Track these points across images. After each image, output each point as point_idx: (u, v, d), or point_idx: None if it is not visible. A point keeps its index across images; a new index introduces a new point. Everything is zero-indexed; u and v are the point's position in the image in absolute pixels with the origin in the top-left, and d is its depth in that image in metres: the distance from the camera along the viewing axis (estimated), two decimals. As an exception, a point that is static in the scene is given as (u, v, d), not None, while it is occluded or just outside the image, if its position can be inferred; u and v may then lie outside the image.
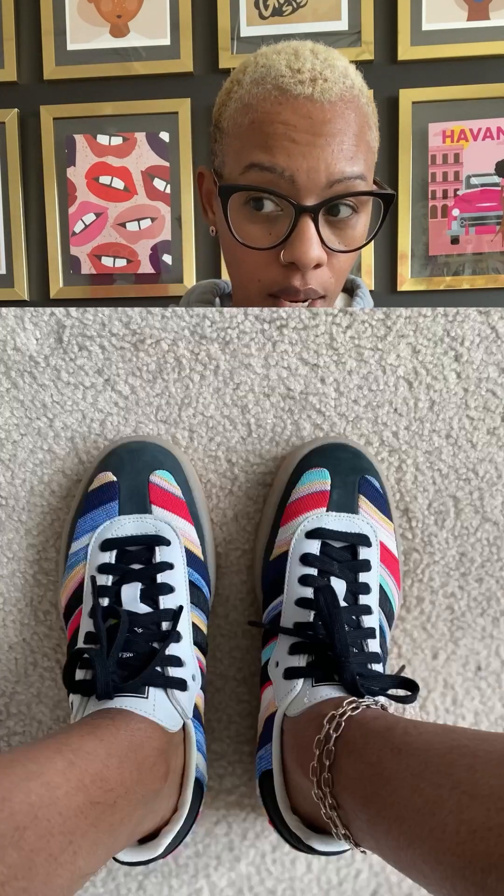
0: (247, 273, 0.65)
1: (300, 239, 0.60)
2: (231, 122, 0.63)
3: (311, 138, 0.58)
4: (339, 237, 0.63)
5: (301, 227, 0.60)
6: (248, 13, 1.44)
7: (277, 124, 0.58)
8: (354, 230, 0.64)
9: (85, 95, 1.49)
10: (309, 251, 0.60)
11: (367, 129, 0.62)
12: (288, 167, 0.59)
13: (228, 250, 0.68)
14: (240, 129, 0.62)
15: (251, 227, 0.63)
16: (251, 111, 0.60)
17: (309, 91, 0.58)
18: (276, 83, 0.59)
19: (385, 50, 1.43)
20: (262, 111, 0.59)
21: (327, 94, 0.58)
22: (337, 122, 0.59)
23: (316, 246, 0.60)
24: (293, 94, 0.58)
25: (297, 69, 0.59)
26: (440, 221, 1.45)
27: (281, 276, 0.63)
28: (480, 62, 1.42)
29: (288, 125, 0.58)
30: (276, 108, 0.59)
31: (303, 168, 0.59)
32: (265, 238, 0.62)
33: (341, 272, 0.66)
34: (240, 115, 0.62)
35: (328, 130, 0.59)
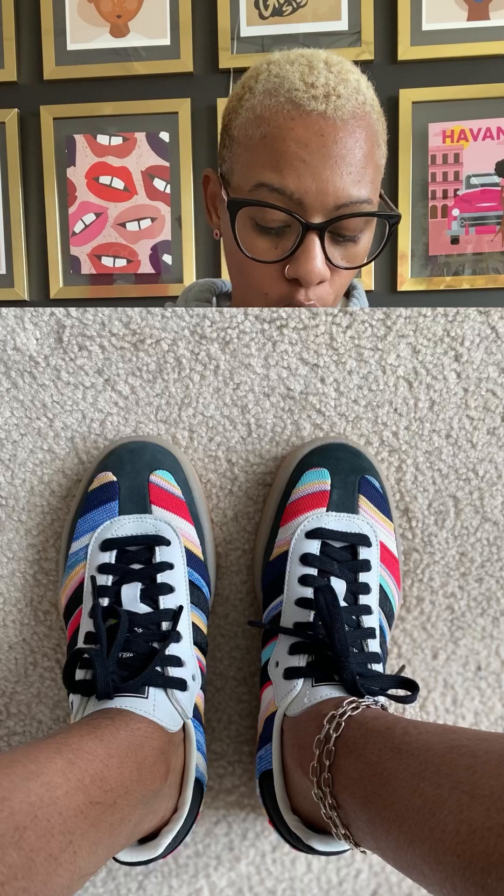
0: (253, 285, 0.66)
1: (305, 256, 0.61)
2: (242, 132, 0.63)
3: (322, 159, 0.59)
4: (342, 254, 0.64)
5: (307, 244, 0.61)
6: (248, 13, 1.44)
7: (289, 142, 0.59)
8: (358, 247, 0.65)
9: (85, 95, 1.49)
10: (313, 269, 0.61)
11: (376, 147, 0.63)
12: (297, 190, 0.59)
13: (233, 259, 0.68)
14: (251, 141, 0.62)
15: (258, 240, 0.63)
16: (263, 124, 0.61)
17: (322, 108, 0.58)
18: (290, 97, 0.59)
19: (385, 50, 1.43)
20: (274, 125, 0.60)
21: (340, 112, 0.59)
22: (347, 141, 0.60)
23: (320, 263, 0.61)
24: (306, 109, 0.59)
25: (310, 83, 0.59)
26: (440, 221, 1.45)
27: (286, 291, 0.64)
28: (480, 62, 1.42)
29: (300, 143, 0.59)
30: (288, 123, 0.59)
31: (311, 190, 0.59)
32: (271, 252, 0.63)
33: (341, 287, 0.67)
34: (251, 127, 0.62)
35: (338, 152, 0.59)
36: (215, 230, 0.74)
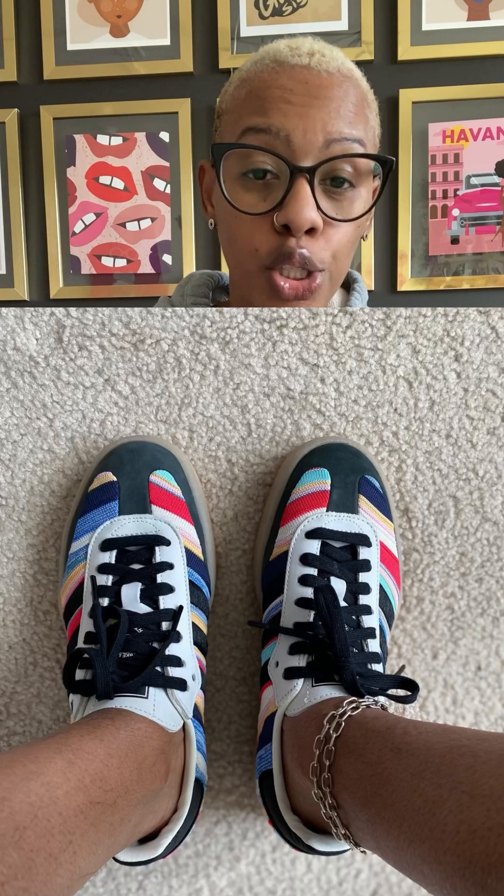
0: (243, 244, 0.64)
1: (294, 199, 0.59)
2: (230, 100, 0.64)
3: (308, 100, 0.59)
4: (335, 208, 0.62)
5: (296, 188, 0.59)
6: (248, 13, 1.44)
7: (273, 89, 0.59)
8: (352, 204, 0.63)
9: (85, 95, 1.49)
10: (302, 211, 0.58)
11: (367, 107, 0.63)
12: (283, 127, 0.59)
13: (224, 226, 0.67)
14: (237, 101, 0.62)
15: (246, 194, 0.62)
16: (248, 83, 0.61)
17: (306, 61, 0.59)
18: (274, 57, 0.61)
19: (385, 50, 1.43)
20: (258, 80, 0.60)
21: (325, 66, 0.59)
22: (334, 89, 0.59)
23: (310, 207, 0.59)
24: (290, 63, 0.59)
25: (295, 47, 0.61)
26: (440, 221, 1.45)
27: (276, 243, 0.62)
28: (480, 62, 1.42)
29: (284, 89, 0.59)
30: (272, 75, 0.60)
31: (299, 128, 0.58)
32: (260, 204, 0.62)
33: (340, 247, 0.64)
34: (237, 90, 0.63)
35: (325, 94, 0.59)
36: (210, 220, 0.73)
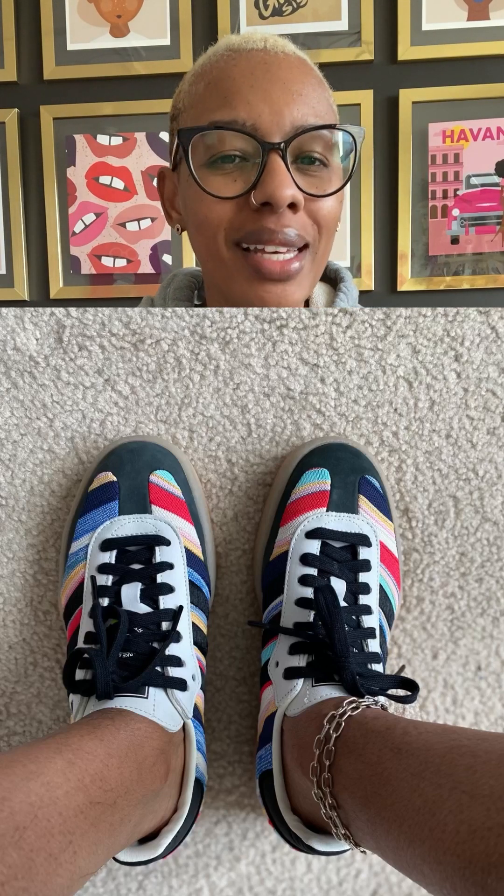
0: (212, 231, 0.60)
1: (271, 175, 0.56)
2: (186, 97, 0.62)
3: (270, 82, 0.57)
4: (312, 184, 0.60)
5: (271, 165, 0.57)
6: (248, 13, 1.44)
7: (234, 77, 0.57)
8: (329, 180, 0.61)
9: (85, 95, 1.49)
10: (281, 185, 0.56)
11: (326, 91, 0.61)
12: (249, 116, 0.57)
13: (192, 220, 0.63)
14: (195, 96, 0.60)
15: (216, 178, 0.59)
16: (205, 77, 0.60)
17: (262, 45, 0.59)
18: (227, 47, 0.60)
19: (385, 50, 1.43)
20: (216, 70, 0.59)
21: (280, 48, 0.59)
22: (293, 70, 0.58)
23: (288, 182, 0.57)
24: (245, 49, 0.58)
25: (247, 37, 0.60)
26: (440, 221, 1.45)
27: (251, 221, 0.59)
28: (480, 62, 1.42)
29: (244, 74, 0.57)
30: (229, 63, 0.58)
31: (265, 113, 0.57)
32: (231, 187, 0.59)
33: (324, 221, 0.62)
34: (194, 86, 0.61)
35: (286, 75, 0.57)
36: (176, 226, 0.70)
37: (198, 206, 0.61)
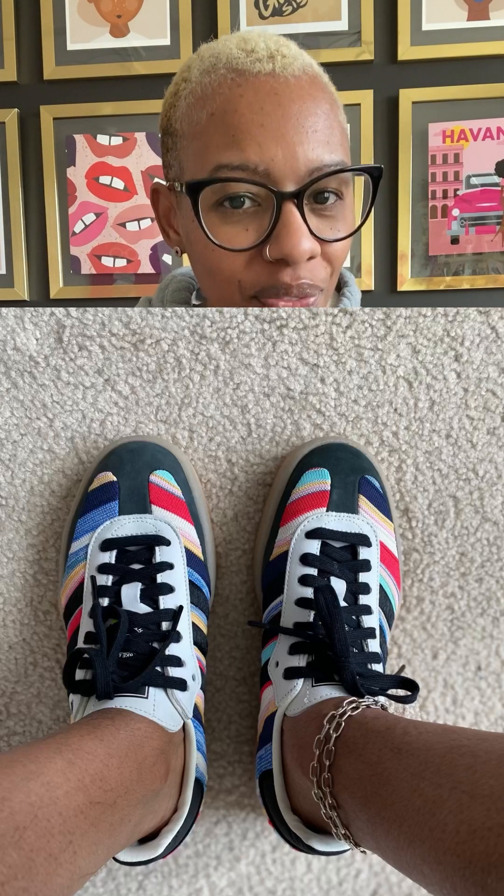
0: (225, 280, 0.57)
1: (287, 230, 0.52)
2: (185, 121, 0.56)
3: (282, 119, 0.52)
4: (328, 226, 0.56)
5: (286, 217, 0.53)
6: (248, 13, 1.44)
7: (242, 110, 0.52)
8: (344, 217, 0.57)
9: (85, 95, 1.49)
10: (299, 242, 0.53)
11: (337, 108, 0.57)
12: (261, 160, 0.52)
13: (200, 261, 0.59)
14: (197, 126, 0.54)
15: (226, 227, 0.55)
16: (208, 102, 0.53)
17: (269, 67, 0.52)
18: (231, 66, 0.53)
19: (385, 50, 1.43)
20: (220, 99, 0.53)
21: (289, 69, 0.53)
22: (305, 99, 0.53)
23: (305, 236, 0.53)
24: (252, 72, 0.52)
25: (250, 49, 0.54)
26: (440, 221, 1.45)
27: (266, 275, 0.55)
28: (480, 62, 1.42)
29: (253, 108, 0.52)
30: (235, 91, 0.52)
31: (277, 156, 0.52)
32: (243, 237, 0.55)
33: (337, 261, 0.59)
34: (195, 111, 0.55)
35: (298, 110, 0.52)
36: (175, 248, 0.66)
37: (207, 253, 0.57)
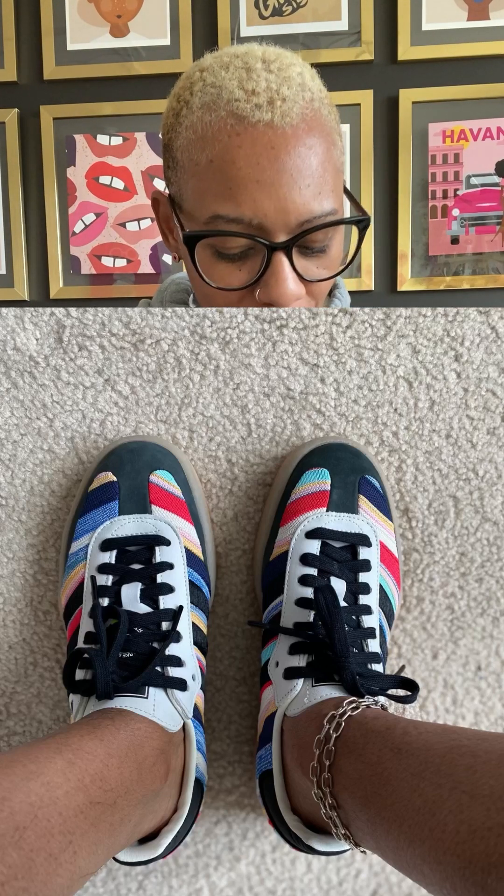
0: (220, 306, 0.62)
1: (276, 279, 0.57)
2: (186, 155, 0.59)
3: (276, 175, 0.55)
4: (315, 265, 0.60)
5: (275, 266, 0.57)
6: (248, 13, 1.44)
7: (239, 163, 0.55)
8: (331, 255, 0.61)
9: (85, 95, 1.49)
10: (286, 291, 0.57)
11: (332, 146, 0.59)
12: (255, 215, 0.56)
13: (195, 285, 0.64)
14: (197, 167, 0.57)
15: (221, 266, 0.59)
16: (207, 146, 0.56)
17: (268, 117, 0.54)
18: (231, 109, 0.55)
19: (385, 50, 1.43)
20: (220, 146, 0.55)
21: (288, 119, 0.55)
22: (301, 150, 0.55)
23: (293, 283, 0.57)
24: (251, 121, 0.54)
25: (251, 90, 0.55)
26: (440, 221, 1.45)
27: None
28: (480, 62, 1.42)
29: (250, 162, 0.55)
30: (234, 140, 0.55)
31: (270, 211, 0.55)
32: (236, 276, 0.59)
33: (321, 295, 0.63)
34: (195, 150, 0.57)
35: (293, 164, 0.55)
36: (174, 253, 0.69)
37: (202, 284, 0.61)
